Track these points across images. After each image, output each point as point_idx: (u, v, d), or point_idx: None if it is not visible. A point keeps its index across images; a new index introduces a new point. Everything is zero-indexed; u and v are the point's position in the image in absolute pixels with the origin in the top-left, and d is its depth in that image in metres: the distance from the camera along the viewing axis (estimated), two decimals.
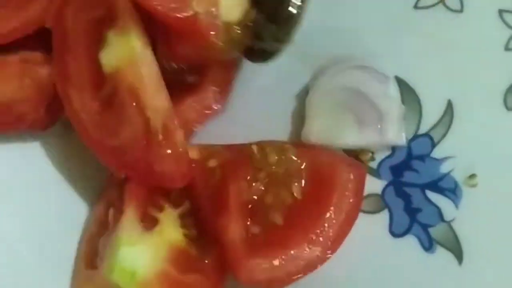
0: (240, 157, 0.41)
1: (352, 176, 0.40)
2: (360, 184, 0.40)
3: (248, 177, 0.40)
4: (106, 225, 0.41)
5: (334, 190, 0.40)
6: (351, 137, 0.42)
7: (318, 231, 0.39)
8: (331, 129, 0.42)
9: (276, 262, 0.38)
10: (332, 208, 0.39)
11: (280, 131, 0.44)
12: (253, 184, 0.40)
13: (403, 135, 0.42)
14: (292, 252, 0.38)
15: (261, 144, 0.41)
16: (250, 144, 0.41)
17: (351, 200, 0.39)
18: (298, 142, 0.42)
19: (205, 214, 0.40)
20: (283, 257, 0.38)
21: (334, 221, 0.39)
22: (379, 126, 0.41)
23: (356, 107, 0.42)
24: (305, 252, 0.38)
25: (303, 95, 0.44)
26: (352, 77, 0.43)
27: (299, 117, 0.44)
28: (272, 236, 0.39)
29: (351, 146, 0.42)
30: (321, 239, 0.38)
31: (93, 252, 0.41)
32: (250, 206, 0.40)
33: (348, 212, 0.39)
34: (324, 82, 0.43)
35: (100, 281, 0.39)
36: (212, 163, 0.41)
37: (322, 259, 0.38)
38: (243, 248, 0.38)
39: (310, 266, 0.38)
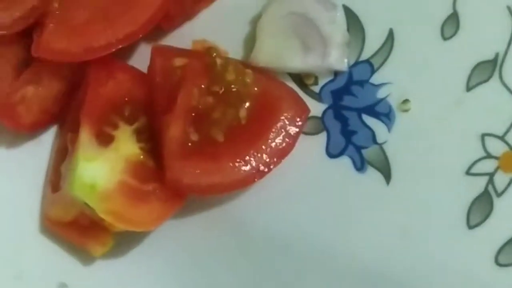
0: (202, 65, 0.43)
1: (295, 112, 0.43)
2: (301, 121, 0.43)
3: (202, 86, 0.43)
4: (67, 151, 0.44)
5: (276, 120, 0.43)
6: (296, 62, 0.44)
7: (254, 152, 0.42)
8: (278, 53, 0.45)
9: (203, 171, 0.41)
10: (271, 135, 0.42)
11: (232, 52, 0.46)
12: (206, 95, 0.43)
13: (345, 61, 0.44)
14: (223, 165, 0.42)
15: (225, 60, 0.44)
16: (216, 56, 0.44)
17: (290, 132, 0.42)
18: (255, 67, 0.45)
19: (156, 110, 0.43)
20: (212, 168, 0.41)
21: (270, 147, 0.42)
22: (323, 51, 0.43)
23: (303, 32, 0.44)
24: (236, 168, 0.42)
25: (257, 19, 0.46)
26: (301, 4, 0.45)
27: (251, 40, 0.46)
28: (208, 148, 0.42)
29: (296, 70, 0.45)
30: (254, 159, 0.42)
31: (57, 177, 0.44)
32: (195, 114, 0.43)
33: (285, 142, 0.42)
34: (275, 7, 0.45)
35: (65, 200, 0.42)
36: (177, 62, 0.44)
37: (250, 178, 0.42)
38: (178, 149, 0.41)
39: (239, 182, 0.42)
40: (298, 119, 0.43)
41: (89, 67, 0.43)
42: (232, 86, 0.43)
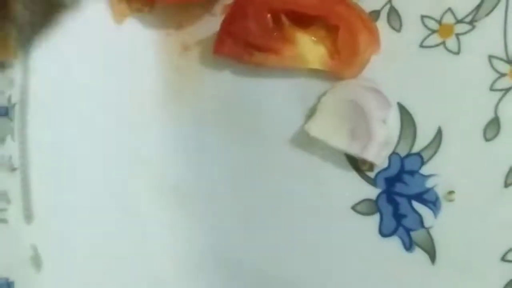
0: None
1: None
2: None
3: None
4: None
5: None
6: (342, 144, 0.51)
7: None
8: (329, 130, 0.52)
9: None
10: None
11: (292, 115, 0.54)
12: None
13: (381, 158, 0.51)
14: None
15: None
16: None
17: None
18: None
19: None
20: None
21: None
22: (365, 144, 0.50)
23: (355, 121, 0.51)
24: None
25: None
26: (362, 96, 0.52)
27: (312, 111, 0.53)
28: None
29: (340, 150, 0.52)
30: None
31: None
32: None
33: None
34: (341, 90, 0.52)
35: None
36: None
37: None
38: None
39: None
40: None
41: None
42: None
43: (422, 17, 0.52)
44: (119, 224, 0.54)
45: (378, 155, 0.51)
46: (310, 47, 0.53)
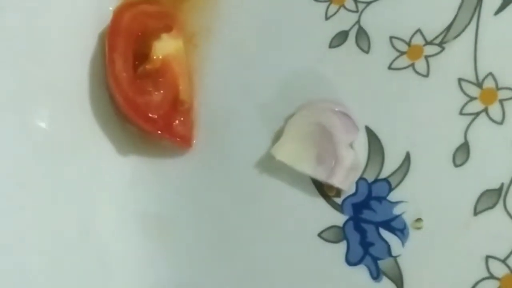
0: None
1: None
2: None
3: None
4: None
5: None
6: (307, 168, 0.50)
7: None
8: (296, 154, 0.51)
9: None
10: None
11: (260, 139, 0.53)
12: None
13: (348, 183, 0.49)
14: None
15: None
16: None
17: None
18: None
19: None
20: None
21: None
22: (331, 169, 0.49)
23: (322, 144, 0.50)
24: None
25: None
26: (329, 119, 0.50)
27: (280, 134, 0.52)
28: None
29: (306, 174, 0.50)
30: None
31: None
32: None
33: None
34: (307, 112, 0.51)
35: None
36: None
37: None
38: None
39: None
40: None
41: None
42: None
43: (391, 38, 0.50)
44: (79, 252, 0.52)
45: (344, 181, 0.49)
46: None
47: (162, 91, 0.55)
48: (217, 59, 0.57)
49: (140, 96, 0.54)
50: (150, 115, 0.54)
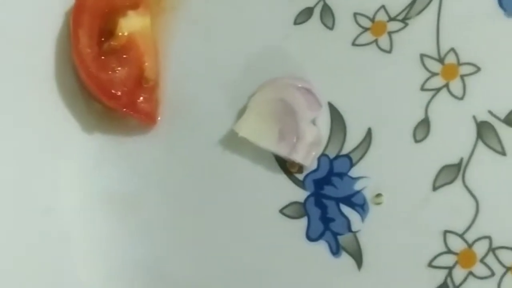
0: None
1: None
2: None
3: None
4: None
5: None
6: (270, 145, 0.50)
7: None
8: (258, 130, 0.50)
9: None
10: None
11: (224, 114, 0.53)
12: None
13: (310, 159, 0.49)
14: None
15: None
16: None
17: None
18: None
19: None
20: None
21: None
22: (293, 145, 0.49)
23: (283, 120, 0.50)
24: None
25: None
26: (292, 95, 0.50)
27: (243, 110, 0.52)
28: None
29: (269, 150, 0.50)
30: None
31: None
32: None
33: None
34: (270, 88, 0.51)
35: None
36: None
37: None
38: None
39: None
40: None
41: None
42: None
43: (355, 14, 0.50)
44: (42, 233, 0.52)
45: (306, 157, 0.49)
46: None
47: (126, 68, 0.54)
48: (181, 37, 0.56)
49: (104, 73, 0.54)
50: (113, 91, 0.53)
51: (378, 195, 0.48)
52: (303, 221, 0.49)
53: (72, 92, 0.56)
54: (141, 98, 0.55)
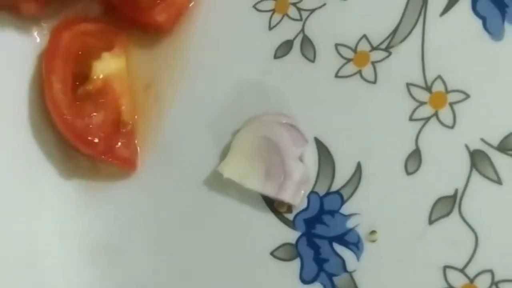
0: None
1: None
2: None
3: None
4: None
5: None
6: (256, 185, 0.48)
7: None
8: (243, 170, 0.49)
9: None
10: None
11: (207, 155, 0.51)
12: None
13: (299, 198, 0.47)
14: None
15: None
16: None
17: None
18: None
19: None
20: None
21: None
22: (280, 184, 0.47)
23: (269, 159, 0.48)
24: None
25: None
26: (276, 132, 0.48)
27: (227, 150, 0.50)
28: None
29: (256, 190, 0.48)
30: None
31: None
32: None
33: None
34: (254, 126, 0.49)
35: None
36: None
37: None
38: None
39: None
40: None
41: None
42: None
43: (337, 45, 0.49)
44: (24, 280, 0.50)
45: (295, 196, 0.47)
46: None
47: (103, 113, 0.52)
48: (162, 75, 0.54)
49: (80, 119, 0.51)
50: (90, 138, 0.51)
51: (373, 232, 0.46)
52: (296, 263, 0.47)
53: (50, 137, 0.54)
54: (119, 143, 0.52)
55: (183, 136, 0.52)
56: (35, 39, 0.55)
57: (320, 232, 0.47)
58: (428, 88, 0.46)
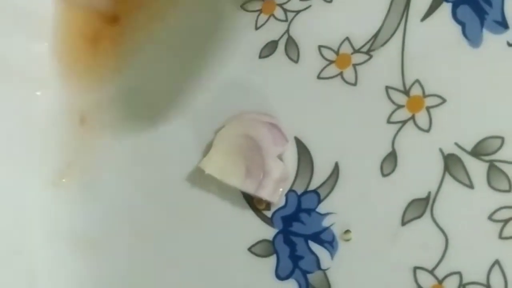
0: None
1: None
2: None
3: None
4: None
5: None
6: (236, 181, 0.49)
7: None
8: (224, 167, 0.50)
9: None
10: None
11: (191, 152, 0.52)
12: None
13: (277, 196, 0.48)
14: None
15: None
16: None
17: None
18: None
19: None
20: None
21: None
22: (259, 182, 0.48)
23: (249, 157, 0.49)
24: None
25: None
26: (258, 131, 0.49)
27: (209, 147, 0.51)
28: None
29: (236, 187, 0.49)
30: None
31: None
32: None
33: None
34: (235, 124, 0.50)
35: None
36: None
37: None
38: None
39: None
40: None
41: None
42: None
43: (320, 47, 0.50)
44: (7, 272, 0.51)
45: (273, 193, 0.48)
46: None
47: None
48: (144, 67, 0.55)
49: None
50: None
51: (347, 231, 0.47)
52: (272, 260, 0.48)
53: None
54: None
55: (166, 133, 0.53)
56: None
57: (297, 230, 0.48)
58: (406, 92, 0.47)
